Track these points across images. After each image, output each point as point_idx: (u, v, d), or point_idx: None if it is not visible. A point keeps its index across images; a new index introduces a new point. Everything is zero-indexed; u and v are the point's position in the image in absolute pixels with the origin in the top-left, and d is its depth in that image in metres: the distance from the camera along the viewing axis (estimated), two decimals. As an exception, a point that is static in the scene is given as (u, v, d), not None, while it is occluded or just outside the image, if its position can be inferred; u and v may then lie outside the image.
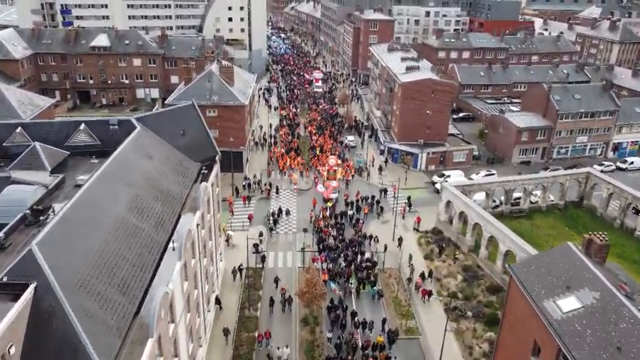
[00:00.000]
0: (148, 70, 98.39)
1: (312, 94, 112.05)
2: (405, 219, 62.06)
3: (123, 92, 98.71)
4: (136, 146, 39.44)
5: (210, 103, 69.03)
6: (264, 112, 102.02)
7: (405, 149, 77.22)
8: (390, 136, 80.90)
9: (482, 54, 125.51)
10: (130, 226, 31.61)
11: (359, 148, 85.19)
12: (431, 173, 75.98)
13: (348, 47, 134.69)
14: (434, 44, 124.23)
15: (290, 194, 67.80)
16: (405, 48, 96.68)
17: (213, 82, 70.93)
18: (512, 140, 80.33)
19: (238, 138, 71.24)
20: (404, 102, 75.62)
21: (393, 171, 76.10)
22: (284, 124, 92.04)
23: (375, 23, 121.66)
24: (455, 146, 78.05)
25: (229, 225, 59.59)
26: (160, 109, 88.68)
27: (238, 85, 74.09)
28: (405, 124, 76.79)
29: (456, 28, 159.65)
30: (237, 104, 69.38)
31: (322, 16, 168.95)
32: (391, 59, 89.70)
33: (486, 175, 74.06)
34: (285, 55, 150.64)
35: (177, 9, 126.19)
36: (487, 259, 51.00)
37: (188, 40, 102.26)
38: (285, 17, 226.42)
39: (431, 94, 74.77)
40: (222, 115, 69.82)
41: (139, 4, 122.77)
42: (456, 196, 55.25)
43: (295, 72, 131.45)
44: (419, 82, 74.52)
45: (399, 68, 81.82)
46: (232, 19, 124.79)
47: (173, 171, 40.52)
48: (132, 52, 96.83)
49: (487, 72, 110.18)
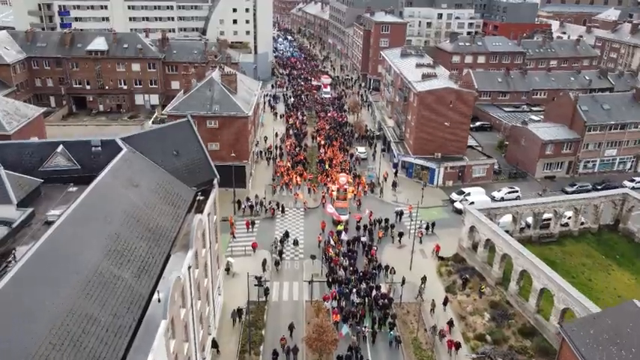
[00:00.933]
0: (148, 75, 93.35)
1: (319, 100, 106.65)
2: (422, 243, 56.48)
3: (121, 98, 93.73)
4: (120, 172, 34.21)
5: (210, 114, 63.77)
6: (269, 119, 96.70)
7: (421, 163, 71.66)
8: (404, 149, 75.34)
9: (499, 59, 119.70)
10: (107, 276, 26.34)
11: (370, 160, 79.72)
12: (448, 189, 70.41)
13: (357, 51, 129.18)
14: (447, 48, 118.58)
15: (296, 214, 62.39)
16: (420, 53, 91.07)
17: (214, 91, 65.67)
18: (536, 154, 74.56)
19: (241, 151, 65.95)
20: (420, 112, 70.07)
21: (407, 187, 70.61)
22: (290, 134, 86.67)
23: (386, 26, 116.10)
24: (474, 160, 72.40)
25: (229, 250, 54.25)
26: (159, 116, 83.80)
27: (241, 94, 68.80)
28: (420, 136, 71.24)
29: (469, 30, 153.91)
30: (239, 115, 64.09)
31: (330, 17, 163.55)
32: (405, 65, 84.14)
33: (509, 193, 68.51)
34: (292, 59, 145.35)
35: (180, 10, 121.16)
36: (518, 295, 45.37)
37: (190, 44, 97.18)
38: (292, 19, 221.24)
39: (449, 104, 69.19)
40: (224, 126, 64.56)
41: (141, 5, 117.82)
42: (481, 222, 49.66)
43: (302, 76, 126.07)
44: (436, 92, 68.95)
45: (414, 76, 76.27)
46: (237, 21, 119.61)
47: (163, 200, 35.22)
48: (130, 56, 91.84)
49: (505, 78, 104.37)
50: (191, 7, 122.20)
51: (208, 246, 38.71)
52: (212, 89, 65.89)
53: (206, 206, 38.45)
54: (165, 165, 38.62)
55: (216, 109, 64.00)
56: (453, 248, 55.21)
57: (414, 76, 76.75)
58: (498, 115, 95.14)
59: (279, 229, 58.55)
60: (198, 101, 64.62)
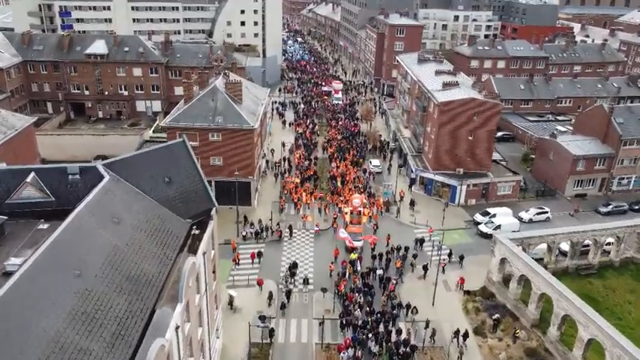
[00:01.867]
0: (150, 80, 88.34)
1: (330, 107, 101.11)
2: (445, 272, 50.77)
3: (121, 105, 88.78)
4: (99, 206, 28.96)
5: (213, 126, 58.51)
6: (277, 127, 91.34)
7: (441, 180, 65.94)
8: (422, 163, 69.63)
9: (520, 64, 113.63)
10: (69, 351, 21.05)
11: (385, 174, 74.12)
12: (471, 209, 64.70)
13: (370, 54, 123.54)
14: (466, 52, 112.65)
15: (306, 237, 56.93)
16: (438, 58, 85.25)
17: (217, 101, 60.39)
18: (567, 170, 68.57)
19: (246, 166, 60.65)
20: (441, 125, 64.37)
21: (426, 206, 64.95)
22: (299, 144, 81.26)
23: (401, 29, 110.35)
24: (499, 177, 66.57)
25: (231, 279, 48.92)
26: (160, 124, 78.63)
27: (247, 104, 63.48)
28: (441, 150, 65.53)
29: (486, 33, 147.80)
30: (245, 128, 58.75)
31: (342, 19, 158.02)
32: (423, 72, 78.42)
33: (538, 214, 62.73)
34: (302, 62, 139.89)
35: (186, 12, 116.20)
36: (559, 342, 39.62)
37: (194, 47, 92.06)
38: (302, 20, 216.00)
39: (473, 116, 63.44)
40: (228, 139, 59.29)
41: (145, 6, 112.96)
42: (514, 254, 43.95)
43: (313, 81, 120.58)
44: (459, 103, 63.22)
45: (434, 84, 70.59)
46: (245, 23, 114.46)
47: (150, 239, 29.91)
48: (132, 60, 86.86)
49: (527, 85, 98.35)
50: (197, 8, 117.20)
51: (204, 290, 33.35)
52: (215, 99, 60.64)
53: (202, 243, 33.08)
54: (155, 194, 33.34)
55: (220, 121, 58.71)
56: (479, 279, 49.54)
57: (433, 84, 71.09)
58: (522, 125, 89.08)
59: (286, 254, 53.14)
60: (199, 112, 59.41)
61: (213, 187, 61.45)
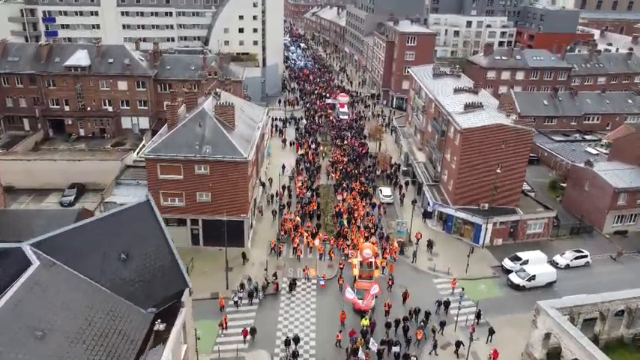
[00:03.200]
0: (136, 95, 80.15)
1: (335, 122, 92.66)
2: (473, 339, 42.23)
3: (105, 121, 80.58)
4: (16, 315, 20.64)
5: (199, 157, 50.17)
6: (277, 147, 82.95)
7: (463, 217, 57.43)
8: (440, 195, 61.14)
9: (540, 75, 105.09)
10: None
11: (397, 204, 65.69)
12: (498, 251, 56.21)
13: (378, 63, 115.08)
14: (482, 62, 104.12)
15: (307, 290, 48.47)
16: (456, 72, 76.74)
17: (205, 127, 52.07)
18: (606, 204, 60.02)
19: (238, 203, 52.29)
20: (464, 154, 55.88)
21: (446, 246, 56.53)
22: (301, 168, 72.93)
23: (412, 37, 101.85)
24: (530, 213, 57.96)
25: (216, 351, 40.51)
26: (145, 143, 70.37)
27: (241, 129, 55.12)
28: (463, 182, 57.04)
29: (501, 40, 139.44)
30: (237, 159, 50.39)
31: (347, 24, 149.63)
32: (440, 89, 69.94)
33: (576, 259, 54.22)
34: (305, 70, 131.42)
35: (180, 17, 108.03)
36: None
37: (186, 59, 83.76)
38: (305, 23, 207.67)
39: (501, 144, 54.94)
40: (217, 172, 50.95)
41: (135, 11, 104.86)
42: (562, 330, 35.45)
43: (316, 92, 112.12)
44: (486, 129, 54.72)
45: (454, 104, 62.12)
46: (244, 29, 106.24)
47: (91, 354, 21.57)
48: (116, 73, 78.69)
49: (551, 100, 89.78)
50: (192, 13, 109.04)
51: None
52: (203, 124, 52.30)
53: (167, 345, 24.72)
54: (107, 278, 25.04)
55: (208, 151, 50.35)
56: (514, 350, 41.07)
57: (452, 104, 62.62)
58: (548, 147, 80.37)
59: (284, 316, 44.66)
60: (184, 140, 51.09)
61: (200, 227, 53.47)
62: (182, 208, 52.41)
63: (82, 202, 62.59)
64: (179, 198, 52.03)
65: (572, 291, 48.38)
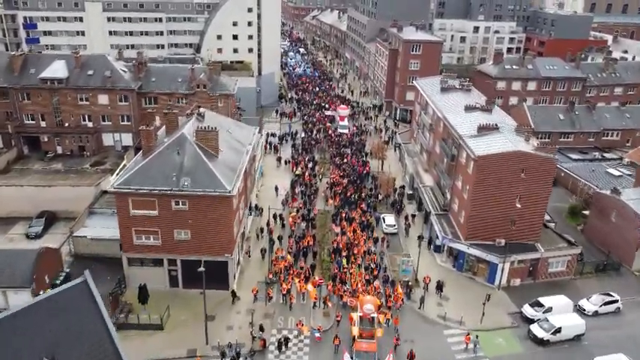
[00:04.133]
0: (118, 109, 73.81)
1: (334, 137, 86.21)
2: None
3: (84, 138, 74.17)
4: None
5: (177, 191, 43.81)
6: (271, 166, 76.70)
7: (477, 254, 51.01)
8: (450, 227, 54.70)
9: (553, 85, 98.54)
10: None
11: (401, 235, 59.29)
12: (516, 293, 49.87)
13: (380, 72, 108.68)
14: (491, 72, 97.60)
15: (300, 346, 42.10)
16: (466, 87, 70.30)
17: (184, 155, 45.76)
18: (636, 238, 53.54)
19: (222, 242, 45.96)
20: (477, 184, 49.46)
21: (457, 287, 50.20)
22: (296, 192, 66.61)
23: (417, 45, 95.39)
24: (552, 250, 51.46)
25: None
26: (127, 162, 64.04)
27: (226, 157, 48.76)
28: (477, 215, 50.61)
29: (509, 46, 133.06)
30: (219, 193, 44.03)
31: (349, 29, 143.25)
32: (449, 105, 63.61)
33: (605, 304, 47.79)
34: (304, 78, 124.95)
35: (170, 23, 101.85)
36: None
37: (173, 70, 77.35)
38: (305, 27, 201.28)
39: (520, 173, 48.51)
40: (197, 208, 44.63)
41: (123, 16, 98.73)
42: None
43: (315, 102, 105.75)
44: (503, 157, 48.29)
45: (466, 125, 55.78)
46: (238, 36, 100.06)
47: None
48: (96, 85, 72.33)
49: (567, 114, 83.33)
50: (184, 19, 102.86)
51: None
52: (182, 151, 45.97)
53: None
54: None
55: (186, 184, 44.00)
56: None
57: (464, 124, 56.31)
58: (565, 167, 73.80)
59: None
60: (160, 170, 44.77)
61: (178, 267, 47.14)
62: (158, 247, 46.12)
63: (52, 232, 56.49)
64: (154, 236, 45.74)
65: (604, 346, 42.19)
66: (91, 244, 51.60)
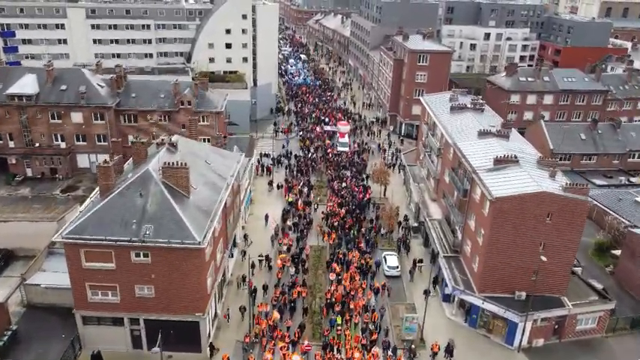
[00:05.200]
0: (94, 128, 67.17)
1: (332, 157, 78.88)
2: None
3: (56, 160, 67.53)
4: None
5: (137, 242, 36.76)
6: (262, 191, 69.67)
7: (493, 310, 43.65)
8: (461, 273, 47.38)
9: (571, 99, 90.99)
10: None
11: (405, 278, 52.03)
12: (538, 355, 42.50)
13: (384, 83, 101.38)
14: (504, 84, 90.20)
15: None
16: (478, 105, 62.86)
17: (149, 196, 38.71)
18: (679, 290, 46.09)
19: (192, 299, 38.88)
20: (495, 229, 42.13)
21: (469, 347, 42.81)
22: (288, 225, 59.45)
23: (424, 56, 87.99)
24: (581, 305, 44.01)
25: None
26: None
27: (200, 195, 41.67)
28: (493, 265, 43.27)
29: (522, 54, 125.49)
30: (187, 245, 36.94)
31: (352, 35, 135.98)
32: (460, 130, 56.28)
33: (647, 374, 40.24)
34: (304, 87, 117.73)
35: (159, 31, 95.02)
36: None
37: (155, 85, 70.48)
38: (308, 31, 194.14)
39: (546, 217, 41.17)
40: (161, 261, 37.58)
41: (108, 24, 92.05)
42: None
43: (314, 115, 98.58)
44: (526, 199, 40.91)
45: (480, 156, 48.45)
46: (231, 45, 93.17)
47: None
48: (69, 102, 65.71)
49: (589, 133, 75.68)
50: (174, 26, 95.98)
51: None
52: (145, 192, 38.93)
53: None
54: None
55: (148, 233, 36.96)
56: None
57: (477, 154, 49.02)
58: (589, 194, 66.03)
59: None
60: (118, 215, 37.74)
61: (142, 327, 40.12)
62: (117, 305, 39.12)
63: (6, 275, 49.53)
64: (112, 292, 38.74)
65: None
66: (46, 293, 44.70)
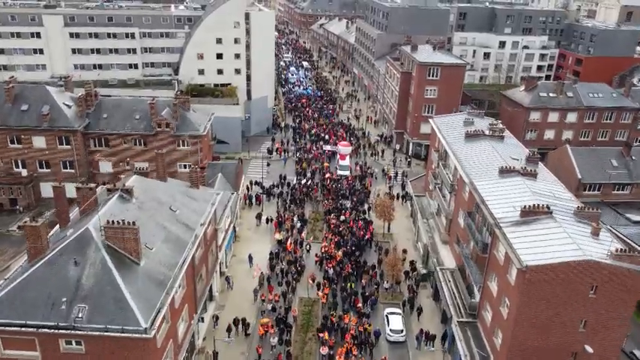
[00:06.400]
0: (60, 154, 59.31)
1: (329, 184, 70.37)
2: None
3: (16, 189, 59.63)
4: None
5: (65, 327, 28.57)
6: (248, 225, 61.44)
7: (521, 401, 35.06)
8: (479, 347, 38.78)
9: (598, 117, 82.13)
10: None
11: (410, 344, 43.55)
12: None
13: (390, 96, 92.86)
14: (523, 100, 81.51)
15: None
16: (497, 131, 54.17)
17: (86, 265, 30.53)
18: None
19: (140, 395, 30.62)
20: (526, 303, 33.50)
21: None
22: (275, 273, 51.14)
23: (435, 69, 79.38)
24: (630, 395, 35.38)
25: None
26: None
27: (157, 257, 33.38)
28: (522, 346, 34.64)
29: (540, 64, 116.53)
30: (130, 335, 28.69)
31: (357, 42, 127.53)
32: (477, 164, 47.69)
33: None
34: (304, 99, 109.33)
35: (145, 40, 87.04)
36: None
37: (130, 104, 62.39)
38: (312, 36, 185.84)
39: (590, 291, 32.56)
40: (98, 351, 29.37)
41: (88, 32, 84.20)
42: None
43: (313, 132, 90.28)
44: (566, 269, 32.27)
45: (503, 203, 39.86)
46: (222, 55, 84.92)
47: None
48: (31, 125, 57.84)
49: (622, 159, 66.64)
50: (160, 34, 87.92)
51: None
52: (82, 259, 30.75)
53: None
54: None
55: (81, 317, 28.79)
56: None
57: (499, 199, 40.47)
58: (622, 233, 57.14)
59: None
60: (45, 291, 29.60)
61: None
62: (45, 401, 30.97)
63: None
64: (38, 386, 30.64)
65: None
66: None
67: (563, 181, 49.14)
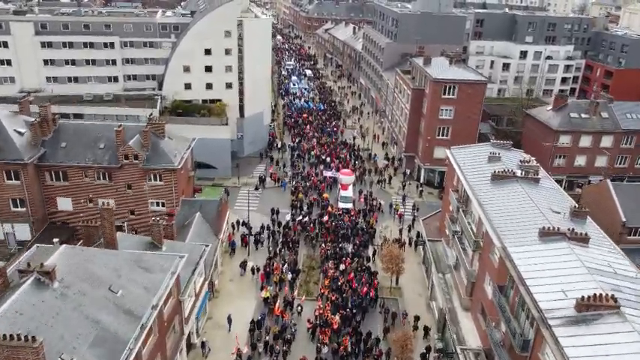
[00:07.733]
0: (8, 190, 50.27)
1: (331, 223, 60.67)
2: None
3: (-43, 232, 50.76)
4: None
5: None
6: (230, 275, 52.05)
7: None
8: None
9: (636, 141, 72.12)
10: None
11: None
12: None
13: (400, 114, 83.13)
14: (551, 122, 71.73)
15: None
16: (533, 172, 44.39)
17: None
18: None
19: None
20: None
21: None
22: (259, 342, 41.75)
23: (451, 87, 69.63)
24: None
25: None
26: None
27: (72, 377, 24.06)
28: None
29: (565, 76, 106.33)
30: None
31: (364, 50, 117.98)
32: (509, 220, 37.95)
33: None
34: (305, 115, 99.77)
35: (126, 49, 78.00)
36: None
37: (93, 131, 53.18)
38: (317, 41, 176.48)
39: None
40: None
41: (62, 41, 75.35)
42: None
43: (313, 154, 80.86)
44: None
45: (550, 285, 30.18)
46: (212, 67, 75.68)
47: None
48: (-27, 156, 48.91)
49: (672, 197, 56.71)
50: (143, 44, 78.86)
51: None
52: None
53: None
54: None
55: None
56: None
57: (544, 280, 30.78)
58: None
59: None
60: None
61: None
62: None
63: None
64: None
65: None
66: None
67: (602, 224, 39.85)
